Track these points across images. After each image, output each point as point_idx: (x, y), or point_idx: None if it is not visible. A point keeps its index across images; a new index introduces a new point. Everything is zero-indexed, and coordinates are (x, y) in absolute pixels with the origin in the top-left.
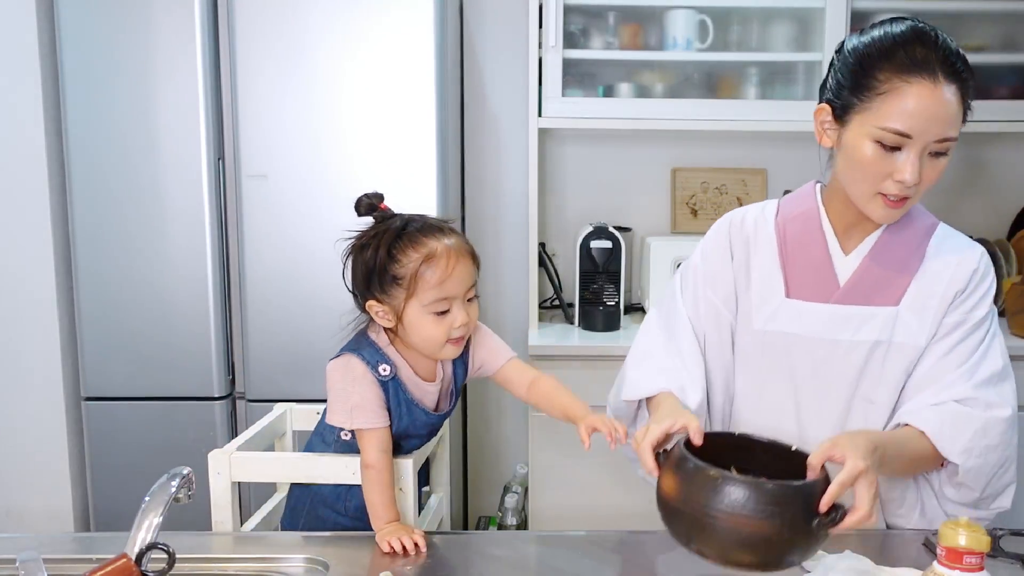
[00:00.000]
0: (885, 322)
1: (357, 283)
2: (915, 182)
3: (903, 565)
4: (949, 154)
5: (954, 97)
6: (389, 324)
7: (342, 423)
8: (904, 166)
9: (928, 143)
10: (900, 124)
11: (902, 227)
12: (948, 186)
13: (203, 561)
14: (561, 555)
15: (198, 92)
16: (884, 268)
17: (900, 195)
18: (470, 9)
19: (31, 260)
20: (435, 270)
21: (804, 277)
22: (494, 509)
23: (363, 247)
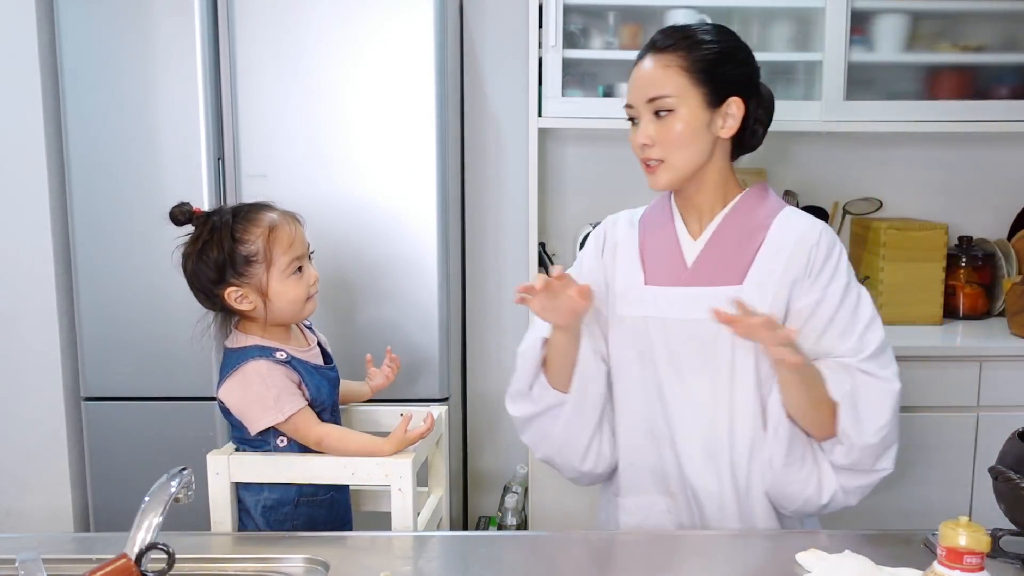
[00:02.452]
0: (731, 299)
1: (207, 279)
2: (642, 142)
3: (903, 565)
4: (679, 112)
5: (660, 63)
6: (249, 306)
7: (274, 419)
8: (636, 132)
9: (644, 106)
10: (627, 99)
11: (745, 210)
12: (948, 186)
13: (203, 561)
14: (561, 555)
15: (198, 92)
16: (727, 249)
17: (645, 158)
18: (470, 9)
19: (31, 260)
20: (282, 236)
21: (658, 264)
22: (494, 509)
23: (204, 244)
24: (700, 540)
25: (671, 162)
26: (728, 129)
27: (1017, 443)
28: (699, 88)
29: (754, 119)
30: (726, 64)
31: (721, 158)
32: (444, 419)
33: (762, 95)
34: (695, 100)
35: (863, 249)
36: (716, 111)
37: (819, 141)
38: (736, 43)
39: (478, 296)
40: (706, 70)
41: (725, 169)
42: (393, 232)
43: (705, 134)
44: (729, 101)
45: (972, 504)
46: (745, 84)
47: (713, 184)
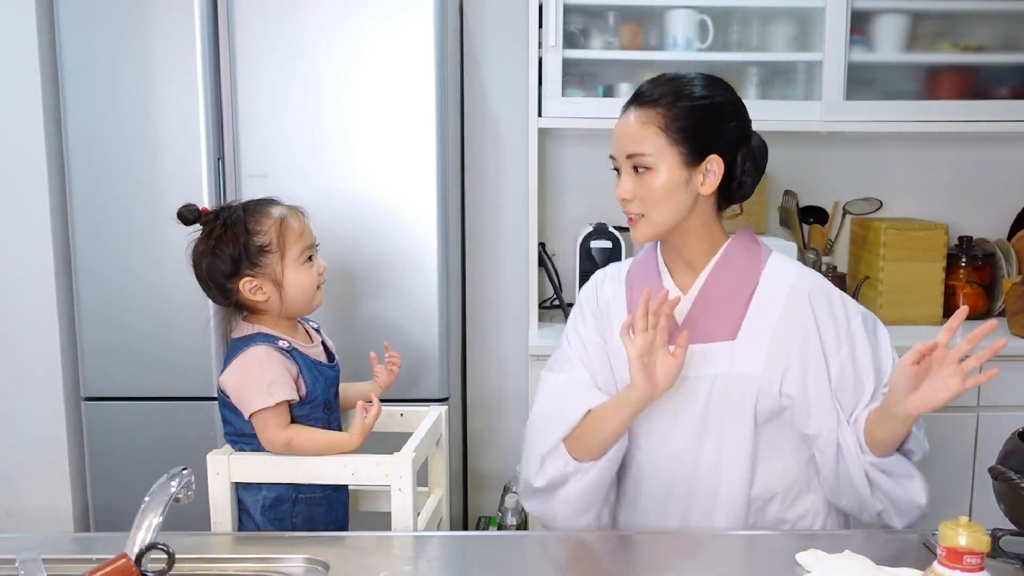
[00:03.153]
0: (723, 355)
1: (222, 273)
2: (622, 196)
3: (903, 565)
4: (656, 171)
5: (640, 119)
6: (263, 297)
7: (263, 403)
8: (617, 185)
9: (624, 161)
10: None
11: (733, 260)
12: (948, 186)
13: (203, 561)
14: (561, 555)
15: (198, 92)
16: (717, 303)
17: (625, 212)
18: (470, 9)
19: (31, 260)
20: (292, 226)
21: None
22: (494, 509)
23: (218, 239)
24: (700, 540)
25: (650, 217)
26: (708, 186)
27: (1017, 443)
28: (677, 147)
29: (741, 171)
30: (707, 123)
31: (704, 211)
32: (444, 419)
33: (752, 147)
34: (672, 159)
35: (863, 249)
36: (695, 169)
37: (819, 141)
38: (721, 99)
39: (478, 296)
40: (685, 129)
41: (709, 220)
42: (393, 232)
43: (683, 192)
44: (709, 159)
45: (972, 504)
46: (728, 141)
47: (697, 236)
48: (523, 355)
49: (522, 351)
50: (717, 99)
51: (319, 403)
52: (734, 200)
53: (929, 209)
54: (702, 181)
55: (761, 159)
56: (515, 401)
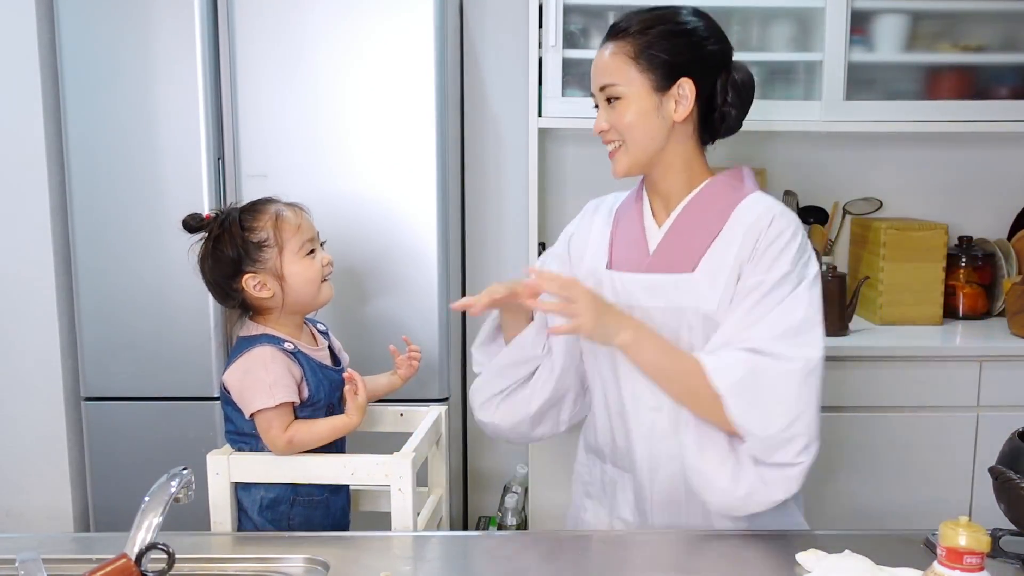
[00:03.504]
0: (684, 289)
1: (224, 273)
2: (597, 129)
3: (903, 565)
4: (626, 99)
5: (610, 51)
6: (268, 293)
7: (264, 403)
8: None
9: (599, 94)
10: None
11: (709, 196)
12: (948, 186)
13: (203, 561)
14: (561, 555)
15: (198, 92)
16: (686, 236)
17: (605, 142)
18: (470, 9)
19: (31, 260)
20: (288, 220)
21: (624, 250)
22: (494, 509)
23: (216, 240)
24: (700, 540)
25: (627, 146)
26: (682, 111)
27: (1017, 443)
28: (645, 74)
29: (722, 100)
30: (678, 47)
31: (681, 142)
32: (444, 419)
33: (733, 76)
34: (641, 86)
35: (863, 249)
36: (666, 94)
37: (819, 141)
38: (694, 25)
39: None
40: (654, 55)
41: (688, 153)
42: (393, 232)
43: (655, 118)
44: (680, 83)
45: (972, 504)
46: (701, 65)
47: (676, 169)
48: None
49: None
50: (689, 24)
51: (321, 406)
52: (718, 133)
53: (929, 209)
54: (675, 106)
55: (746, 91)
56: None
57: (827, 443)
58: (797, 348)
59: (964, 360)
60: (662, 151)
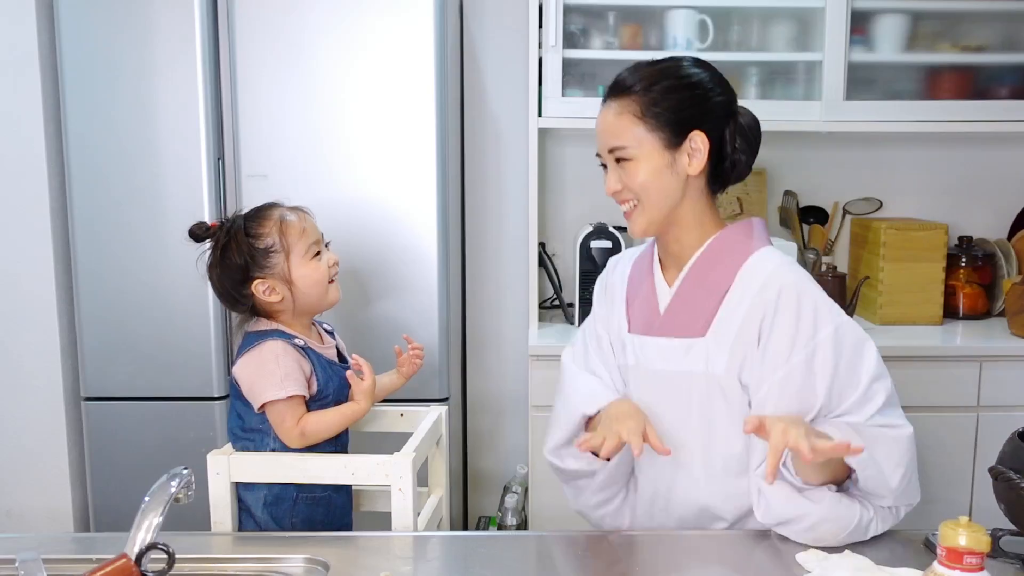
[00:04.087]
0: (695, 353)
1: (234, 281)
2: (610, 191)
3: (903, 565)
4: (638, 160)
5: (614, 111)
6: (277, 297)
7: (275, 395)
8: (606, 180)
9: (607, 155)
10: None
11: (715, 252)
12: (948, 186)
13: (203, 561)
14: (561, 555)
15: (198, 92)
16: (695, 297)
17: (621, 204)
18: (470, 9)
19: (31, 260)
20: (293, 224)
21: (639, 312)
22: (494, 509)
23: (224, 249)
24: (700, 540)
25: (643, 205)
26: (696, 165)
27: (1017, 443)
28: (655, 133)
29: (732, 149)
30: (685, 101)
31: (694, 197)
32: (444, 419)
33: (740, 123)
34: (652, 145)
35: (863, 249)
36: (678, 150)
37: (819, 141)
38: (698, 76)
39: (478, 296)
40: (661, 112)
41: (700, 207)
42: (393, 232)
43: (670, 176)
44: (691, 136)
45: (972, 504)
46: (711, 117)
47: (687, 225)
48: (523, 355)
49: (522, 351)
50: (694, 77)
51: (330, 401)
52: (729, 181)
53: (929, 209)
54: (688, 161)
55: (753, 135)
56: (515, 401)
57: None
58: (898, 417)
59: (964, 360)
60: (678, 207)
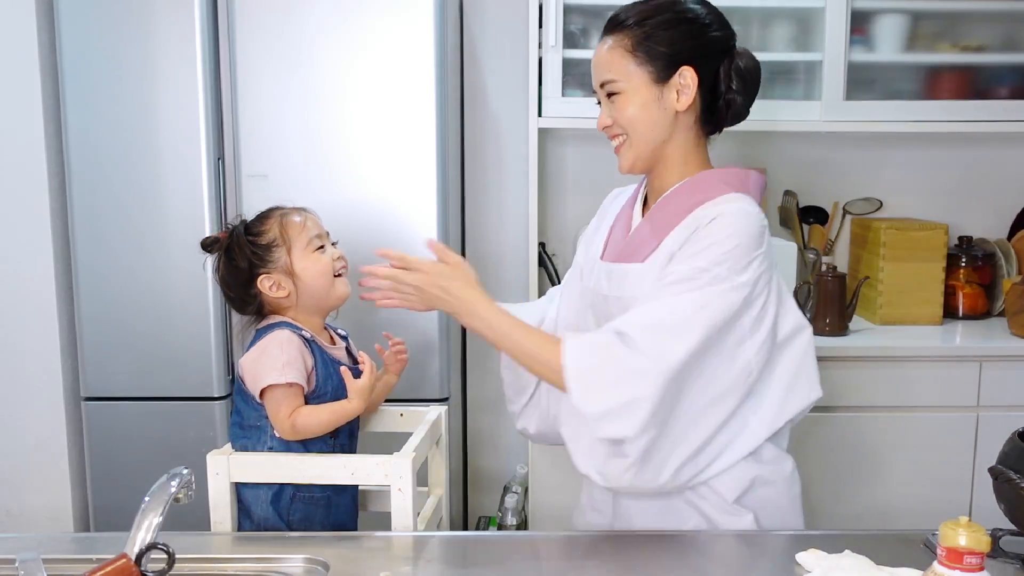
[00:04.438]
0: (632, 279)
1: (238, 281)
2: (600, 126)
3: (903, 565)
4: (627, 94)
5: (608, 45)
6: (283, 292)
7: (275, 379)
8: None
9: (600, 90)
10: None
11: (686, 190)
12: (948, 186)
13: (203, 561)
14: (561, 555)
15: (198, 92)
16: (650, 229)
17: (610, 137)
18: (470, 9)
19: (31, 260)
20: (293, 219)
21: (614, 241)
22: (494, 509)
23: (228, 251)
24: (700, 540)
25: (631, 140)
26: (684, 100)
27: (1017, 443)
28: (643, 66)
29: (726, 88)
30: (676, 36)
31: (683, 135)
32: (444, 419)
33: (737, 63)
34: (640, 79)
35: (863, 249)
36: (667, 84)
37: (819, 141)
38: (693, 12)
39: None
40: (651, 46)
41: (687, 145)
42: (393, 232)
43: (657, 110)
44: (681, 71)
45: (972, 504)
46: (702, 53)
47: (672, 163)
48: None
49: None
50: (689, 13)
51: (327, 400)
52: (724, 121)
53: (929, 209)
54: (677, 96)
55: (750, 77)
56: None
57: (827, 443)
58: (658, 344)
59: (964, 360)
60: (666, 143)
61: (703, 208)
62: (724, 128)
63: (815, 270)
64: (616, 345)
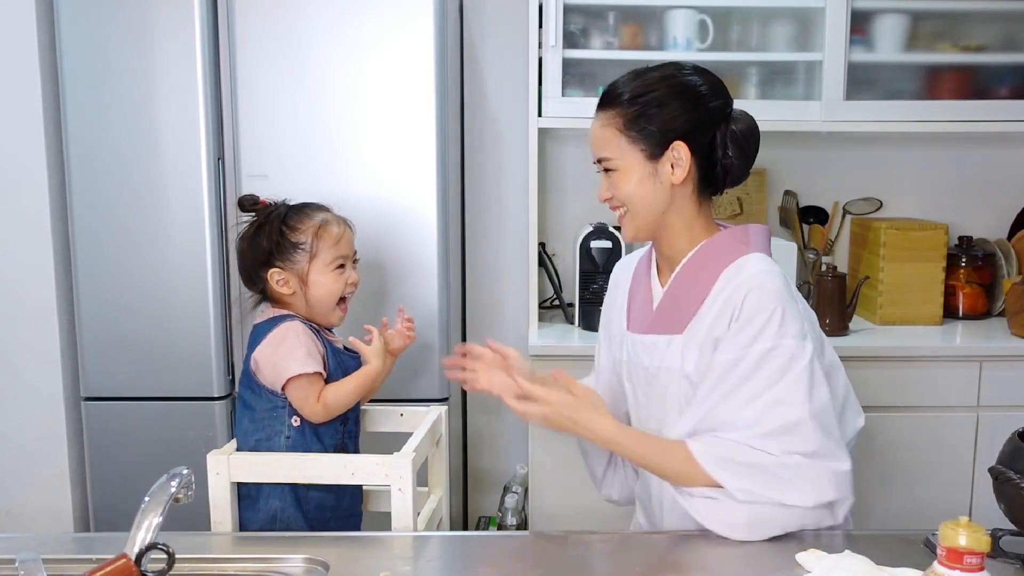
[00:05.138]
0: (674, 350)
1: (255, 259)
2: (601, 198)
3: (903, 565)
4: (622, 171)
5: (600, 122)
6: (288, 291)
7: (301, 369)
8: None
9: (597, 163)
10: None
11: (704, 256)
12: (948, 186)
13: (203, 561)
14: (561, 555)
15: (198, 92)
16: (679, 297)
17: (614, 211)
18: (470, 9)
19: (31, 260)
20: (330, 233)
21: (637, 310)
22: (494, 509)
23: (259, 227)
24: (700, 540)
25: (631, 212)
26: (679, 174)
27: (1017, 443)
28: (636, 144)
29: (722, 154)
30: (665, 113)
31: (682, 203)
32: (444, 419)
33: (732, 128)
34: (634, 157)
35: (863, 249)
36: (660, 160)
37: (819, 141)
38: (683, 85)
39: (478, 296)
40: (642, 126)
41: (689, 213)
42: (393, 232)
43: (653, 185)
44: (673, 146)
45: (972, 504)
46: (695, 126)
47: (677, 231)
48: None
49: (522, 351)
50: (682, 87)
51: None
52: (722, 186)
53: (929, 209)
54: (672, 170)
55: (747, 141)
56: None
57: None
58: (787, 447)
59: (964, 360)
60: (666, 214)
61: (728, 273)
62: (724, 191)
63: (815, 270)
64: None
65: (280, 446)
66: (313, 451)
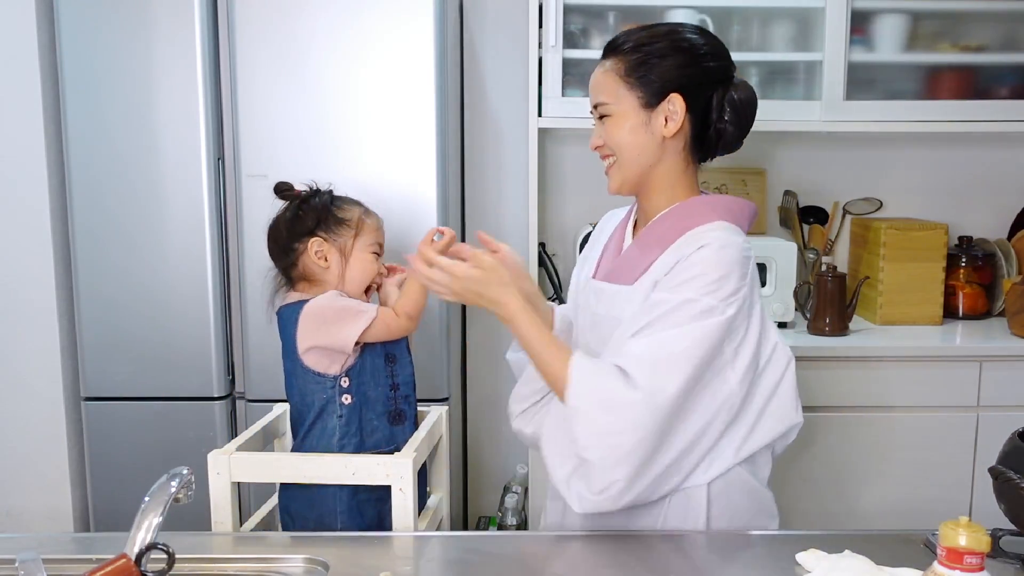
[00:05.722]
0: (620, 300)
1: (297, 230)
2: (592, 145)
3: (903, 565)
4: (615, 117)
5: (603, 68)
6: (324, 264)
7: (368, 320)
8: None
9: (594, 111)
10: None
11: (675, 216)
12: (948, 186)
13: (203, 561)
14: (561, 555)
15: (198, 92)
16: (642, 252)
17: (602, 157)
18: (470, 9)
19: (31, 260)
20: (373, 219)
21: (606, 260)
22: (494, 509)
23: (304, 201)
24: (700, 540)
25: (619, 162)
26: (671, 127)
27: (1017, 443)
28: (633, 91)
29: (717, 117)
30: (667, 63)
31: (671, 161)
32: (444, 419)
33: (732, 94)
34: (629, 103)
35: (863, 249)
36: (654, 110)
37: (819, 141)
38: (689, 41)
39: None
40: (642, 72)
41: (675, 171)
42: (393, 232)
43: (644, 134)
44: (669, 98)
45: (972, 504)
46: (694, 82)
47: (660, 188)
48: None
49: None
50: (684, 43)
51: (380, 353)
52: (714, 150)
53: (929, 209)
54: (664, 122)
55: (744, 109)
56: None
57: (827, 443)
58: (653, 379)
59: (964, 360)
60: (653, 168)
61: (691, 234)
62: (715, 157)
63: (815, 270)
64: (616, 376)
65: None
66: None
